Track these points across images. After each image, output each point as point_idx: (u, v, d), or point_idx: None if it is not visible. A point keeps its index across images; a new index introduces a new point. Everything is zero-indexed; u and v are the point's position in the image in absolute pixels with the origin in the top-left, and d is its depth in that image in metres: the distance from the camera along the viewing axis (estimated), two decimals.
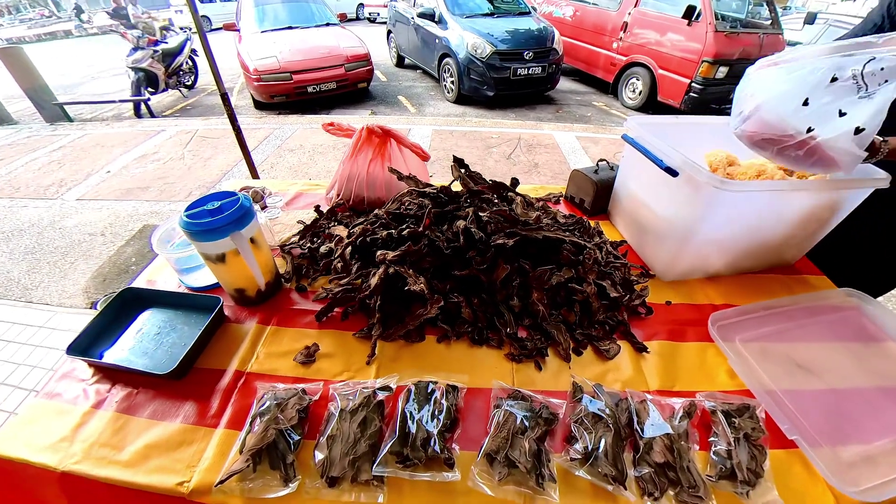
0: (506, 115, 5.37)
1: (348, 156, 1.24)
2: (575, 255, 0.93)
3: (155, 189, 3.31)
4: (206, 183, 3.39)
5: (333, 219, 1.20)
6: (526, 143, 4.25)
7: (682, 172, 0.90)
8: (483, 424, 0.71)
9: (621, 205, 1.22)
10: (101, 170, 3.62)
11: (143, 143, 4.20)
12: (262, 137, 4.30)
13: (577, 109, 5.66)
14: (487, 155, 3.97)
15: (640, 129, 1.04)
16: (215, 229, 0.78)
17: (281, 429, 0.66)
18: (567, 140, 4.34)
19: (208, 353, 0.84)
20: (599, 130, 4.69)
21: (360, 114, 5.34)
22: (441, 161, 3.79)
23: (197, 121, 4.85)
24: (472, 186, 1.00)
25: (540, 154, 4.00)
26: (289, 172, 3.62)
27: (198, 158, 3.84)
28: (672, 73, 5.05)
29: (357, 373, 0.81)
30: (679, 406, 0.72)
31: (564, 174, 3.59)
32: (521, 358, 0.83)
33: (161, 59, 5.43)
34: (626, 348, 0.87)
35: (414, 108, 5.62)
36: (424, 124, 4.71)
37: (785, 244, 1.02)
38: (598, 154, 3.98)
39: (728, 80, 4.81)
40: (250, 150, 3.72)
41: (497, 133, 4.50)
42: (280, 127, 4.61)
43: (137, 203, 3.11)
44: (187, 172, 3.58)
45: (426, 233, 0.92)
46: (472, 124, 4.78)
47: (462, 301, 0.88)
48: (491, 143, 4.24)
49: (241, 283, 0.91)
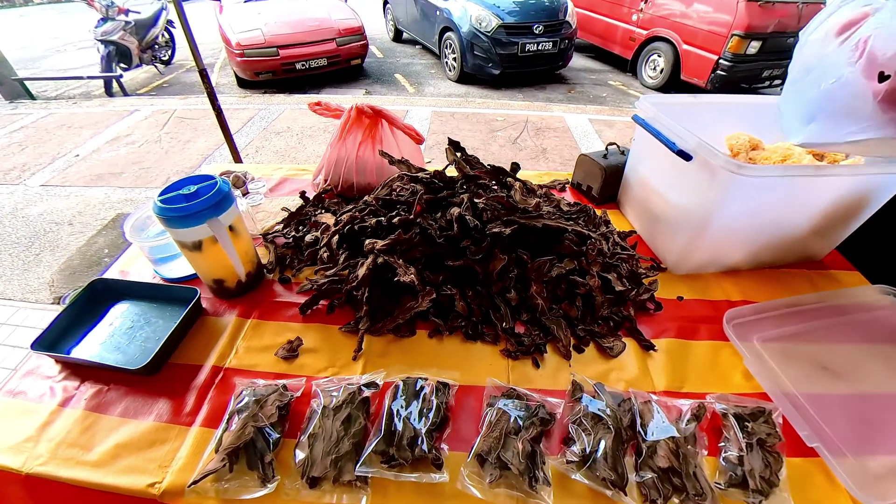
0: (512, 95, 5.34)
1: (336, 138, 1.24)
2: (577, 246, 0.94)
3: (129, 175, 3.32)
4: (185, 168, 3.41)
5: (320, 206, 1.21)
6: (534, 126, 4.23)
7: (696, 156, 0.89)
8: (475, 424, 0.72)
9: (631, 192, 1.22)
10: (69, 153, 3.64)
11: (115, 124, 4.21)
12: (245, 119, 4.31)
13: (591, 89, 5.63)
14: (491, 139, 3.96)
15: (652, 109, 1.04)
16: (191, 215, 0.79)
17: (260, 426, 0.67)
18: (579, 123, 4.32)
19: (184, 348, 0.85)
20: (615, 113, 4.66)
21: (353, 93, 5.32)
22: (441, 146, 3.78)
23: (174, 100, 4.85)
24: (468, 171, 1.00)
25: (549, 138, 3.99)
26: (275, 157, 3.63)
27: (176, 141, 3.85)
28: (698, 48, 5.00)
29: (342, 369, 0.82)
30: (687, 408, 0.73)
31: (575, 160, 3.57)
32: (517, 354, 0.84)
33: (134, 32, 5.41)
34: (631, 346, 0.87)
35: (412, 87, 5.60)
36: (423, 105, 4.69)
37: (811, 236, 1.01)
38: (612, 139, 3.97)
39: (761, 57, 4.74)
40: (233, 133, 3.73)
41: (502, 115, 4.48)
42: (266, 107, 4.61)
43: (109, 190, 3.12)
44: (164, 156, 3.59)
45: (418, 220, 0.92)
46: (475, 105, 4.76)
47: (455, 293, 0.89)
48: (495, 126, 4.23)
49: (219, 274, 0.93)
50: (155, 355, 0.78)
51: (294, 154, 3.68)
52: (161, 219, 0.79)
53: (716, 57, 4.83)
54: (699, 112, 1.11)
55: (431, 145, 3.79)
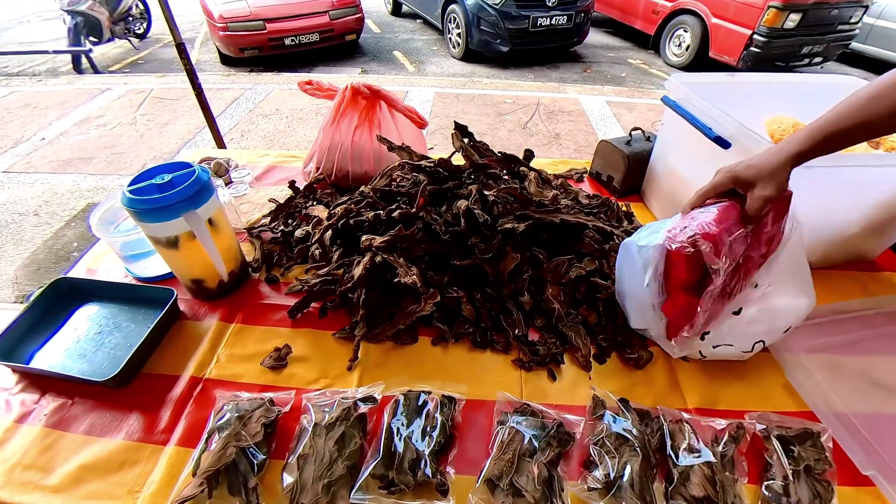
0: (522, 75, 5.31)
1: (329, 121, 1.23)
2: (599, 244, 0.92)
3: (100, 160, 3.30)
4: (163, 153, 3.39)
5: (312, 197, 1.21)
6: (546, 109, 4.21)
7: (735, 143, 0.88)
8: (484, 444, 0.71)
9: (658, 183, 1.20)
10: (34, 136, 3.61)
11: (84, 104, 4.18)
12: (230, 99, 4.28)
13: (608, 69, 5.59)
14: (499, 123, 3.94)
15: (684, 89, 1.02)
16: (164, 207, 0.77)
17: (243, 446, 0.66)
18: (596, 106, 4.29)
19: (159, 356, 0.84)
20: (636, 94, 4.63)
21: (348, 72, 5.29)
22: (444, 130, 3.77)
23: (151, 78, 4.82)
24: (476, 159, 0.99)
25: (562, 122, 3.96)
26: (262, 142, 3.61)
27: (153, 124, 3.82)
28: (729, 21, 4.93)
29: (336, 380, 0.81)
30: (724, 428, 0.72)
31: (591, 147, 3.53)
32: (531, 365, 0.83)
33: (104, 1, 5.35)
34: (659, 356, 0.86)
35: (413, 66, 5.57)
36: (425, 86, 4.66)
37: (863, 234, 1.00)
38: (632, 123, 3.94)
39: (800, 31, 4.68)
40: (216, 115, 3.69)
41: (511, 97, 4.46)
42: (252, 87, 4.58)
43: (79, 177, 3.10)
44: (140, 140, 3.57)
45: (420, 214, 0.91)
46: (481, 86, 4.74)
47: (462, 296, 0.88)
48: (504, 109, 4.20)
49: (198, 273, 0.91)
50: (125, 364, 0.76)
51: (283, 139, 3.65)
52: (131, 212, 0.78)
53: (749, 31, 4.76)
54: (736, 93, 1.10)
55: (434, 130, 3.77)
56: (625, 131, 4.10)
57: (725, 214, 0.72)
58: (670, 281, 0.75)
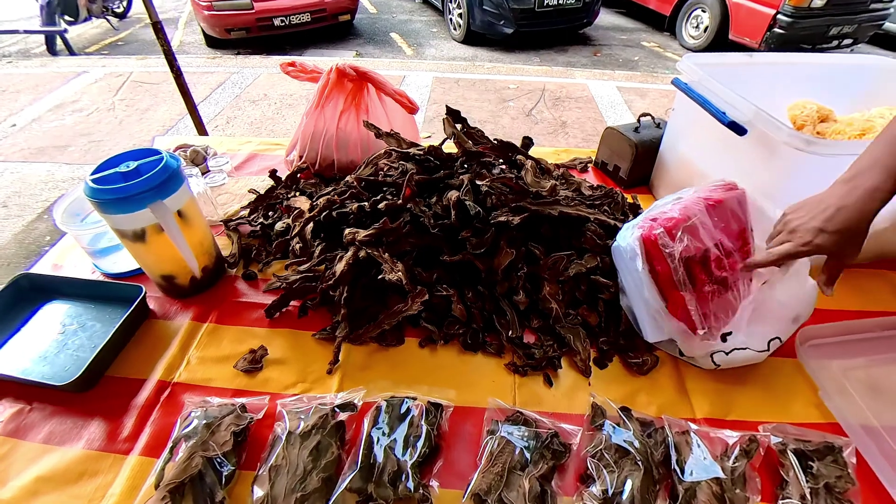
0: (528, 58, 5.29)
1: (313, 106, 1.23)
2: (602, 239, 0.91)
3: (76, 148, 3.29)
4: (144, 141, 3.38)
5: (294, 187, 1.20)
6: (552, 95, 4.19)
7: (752, 129, 0.87)
8: (472, 455, 0.70)
9: (668, 174, 1.20)
10: (4, 122, 3.61)
11: (59, 88, 4.17)
12: (215, 84, 4.27)
13: (620, 52, 5.56)
14: (502, 110, 3.92)
15: (697, 71, 1.01)
16: (129, 197, 0.76)
17: (210, 456, 0.65)
18: (606, 92, 4.27)
19: (125, 358, 0.84)
20: (649, 79, 4.60)
21: (341, 55, 5.27)
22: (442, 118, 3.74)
23: (131, 61, 4.81)
24: (469, 147, 0.98)
25: (570, 110, 3.94)
26: (250, 129, 3.60)
27: (132, 110, 3.81)
28: (750, 0, 4.90)
29: (314, 384, 0.81)
30: (735, 441, 0.70)
31: (600, 136, 3.53)
32: (526, 369, 0.83)
33: None
34: (665, 361, 0.86)
35: (411, 48, 5.54)
36: (423, 70, 4.64)
37: (894, 230, 0.98)
38: (645, 110, 3.89)
39: (828, 10, 4.63)
40: (201, 101, 3.68)
41: (515, 82, 4.44)
42: (239, 71, 4.57)
43: (53, 166, 3.10)
44: (119, 127, 3.56)
45: (408, 206, 0.91)
46: (483, 71, 4.72)
47: (452, 295, 0.88)
48: (507, 95, 4.19)
49: (168, 269, 0.91)
50: (87, 367, 0.76)
51: (272, 126, 3.64)
52: (94, 202, 0.77)
53: (773, 11, 4.72)
54: (755, 75, 1.09)
55: (432, 117, 3.75)
56: (635, 119, 4.09)
57: (692, 205, 0.76)
58: (659, 278, 0.76)
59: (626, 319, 0.87)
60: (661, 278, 0.75)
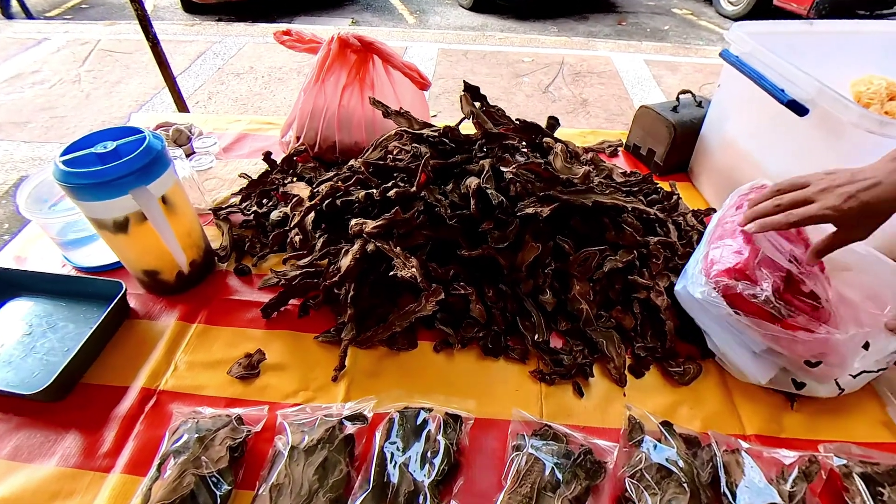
0: (544, 28, 5.28)
1: (312, 81, 1.22)
2: (640, 233, 0.91)
3: (37, 125, 3.30)
4: (114, 118, 3.38)
5: (291, 172, 1.21)
6: (571, 69, 4.18)
7: (814, 109, 0.86)
8: (496, 473, 0.70)
9: (711, 158, 1.20)
10: None
11: (16, 56, 4.17)
12: (194, 54, 4.27)
13: (648, 20, 5.54)
14: (516, 87, 3.91)
15: (750, 41, 1.00)
16: (107, 183, 0.75)
17: (203, 474, 0.65)
18: (632, 66, 4.26)
19: (103, 363, 0.83)
20: (680, 52, 4.58)
21: (336, 23, 5.27)
22: (449, 94, 3.74)
23: (98, 27, 4.81)
24: (490, 128, 0.98)
25: (591, 86, 3.93)
26: (234, 106, 3.60)
27: (101, 82, 3.82)
28: None
29: (318, 393, 0.81)
30: (792, 462, 0.70)
31: (624, 115, 3.55)
32: (553, 378, 0.83)
33: None
34: (710, 371, 0.85)
35: (413, 17, 5.53)
36: (427, 41, 4.65)
37: None
38: (675, 87, 3.89)
39: None
40: (178, 73, 3.66)
41: (530, 55, 4.43)
42: (221, 40, 4.56)
43: (10, 145, 3.10)
44: (85, 102, 3.56)
45: (422, 194, 0.90)
46: (494, 42, 4.71)
47: (471, 294, 0.87)
48: (521, 69, 4.18)
49: (151, 263, 0.90)
50: (61, 373, 0.75)
51: (259, 103, 3.64)
52: (65, 187, 0.76)
53: None
54: (815, 45, 1.07)
55: (438, 94, 3.75)
56: (666, 96, 4.10)
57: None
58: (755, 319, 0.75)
59: (667, 320, 0.86)
60: (757, 318, 0.74)
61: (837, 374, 0.76)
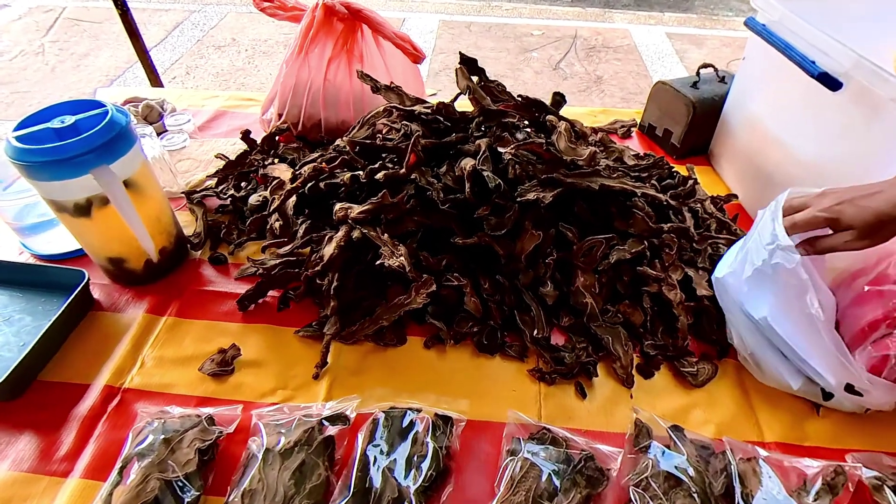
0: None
1: (294, 52, 1.23)
2: (653, 221, 0.91)
3: None
4: (82, 93, 3.37)
5: (272, 153, 1.21)
6: (585, 44, 4.15)
7: (849, 83, 0.86)
8: (489, 480, 0.70)
9: (734, 140, 1.20)
10: None
11: None
12: (171, 25, 4.25)
13: None
14: (523, 62, 3.89)
15: (778, 7, 0.99)
16: (64, 161, 0.75)
17: (169, 479, 0.65)
18: (652, 39, 4.24)
19: (63, 359, 0.84)
20: (707, 24, 4.56)
21: None
22: (450, 71, 3.69)
23: None
24: (488, 105, 0.98)
25: (607, 62, 3.91)
26: (215, 82, 3.58)
27: (67, 54, 3.80)
28: None
29: (297, 392, 0.81)
30: (815, 472, 0.70)
31: (643, 94, 3.48)
32: (553, 377, 0.83)
33: None
34: (727, 371, 0.86)
35: None
36: (427, 11, 4.61)
37: None
38: (700, 63, 3.86)
39: None
40: (155, 45, 3.64)
41: (540, 27, 4.40)
42: (200, 9, 4.54)
43: None
44: (50, 76, 3.55)
45: (412, 177, 0.91)
46: (501, 13, 4.68)
47: (465, 285, 0.88)
48: (530, 43, 4.15)
49: (116, 250, 0.91)
50: (15, 370, 0.75)
51: (242, 79, 3.63)
52: (18, 165, 0.76)
53: None
54: (851, 14, 1.05)
55: (438, 70, 3.73)
56: (689, 73, 4.04)
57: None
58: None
59: (680, 316, 0.86)
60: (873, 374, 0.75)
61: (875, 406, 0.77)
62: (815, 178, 0.95)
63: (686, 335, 0.88)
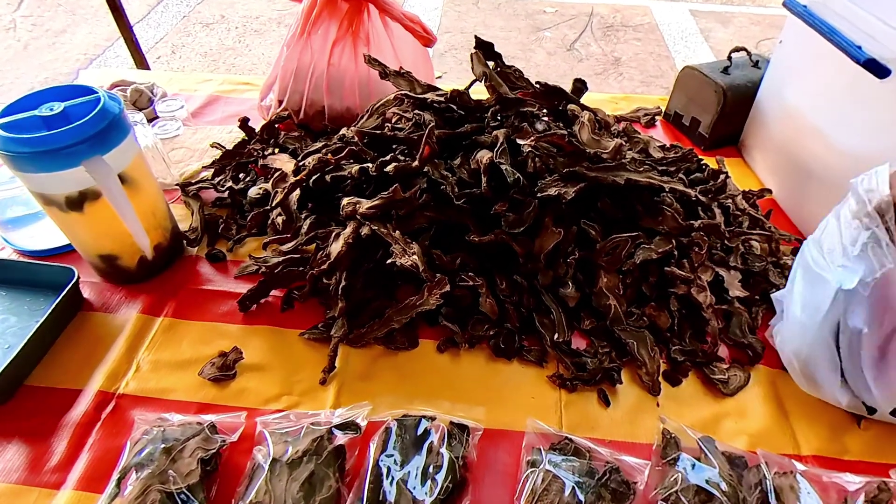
0: None
1: (296, 34, 1.23)
2: (682, 218, 0.91)
3: None
4: (59, 74, 3.37)
5: (272, 142, 1.21)
6: (602, 22, 4.14)
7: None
8: (509, 492, 0.71)
9: (768, 130, 1.19)
10: None
11: None
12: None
13: None
14: (535, 43, 3.88)
15: None
16: (54, 151, 0.76)
17: (171, 491, 0.65)
18: (675, 17, 4.22)
19: (52, 362, 0.84)
20: (734, 0, 4.52)
21: None
22: (457, 52, 3.71)
23: None
24: (505, 92, 0.97)
25: (625, 42, 3.90)
26: (202, 62, 3.58)
27: (41, 30, 3.80)
28: None
29: (304, 397, 0.82)
30: (858, 488, 0.70)
31: (665, 77, 3.51)
32: (575, 383, 0.83)
33: None
34: (760, 379, 0.86)
35: None
36: None
37: None
38: (727, 43, 3.85)
39: None
40: (138, 21, 3.64)
41: (554, 4, 4.38)
42: None
43: None
44: (23, 54, 3.55)
45: (425, 170, 0.90)
46: None
47: (481, 286, 0.88)
48: (543, 21, 4.14)
49: (109, 247, 0.91)
50: (1, 375, 0.76)
51: (233, 59, 3.62)
52: (5, 156, 0.76)
53: None
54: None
55: (444, 51, 3.72)
56: (714, 54, 4.07)
57: None
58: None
59: (710, 320, 0.87)
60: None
61: None
62: (859, 173, 0.95)
63: (716, 340, 0.88)
